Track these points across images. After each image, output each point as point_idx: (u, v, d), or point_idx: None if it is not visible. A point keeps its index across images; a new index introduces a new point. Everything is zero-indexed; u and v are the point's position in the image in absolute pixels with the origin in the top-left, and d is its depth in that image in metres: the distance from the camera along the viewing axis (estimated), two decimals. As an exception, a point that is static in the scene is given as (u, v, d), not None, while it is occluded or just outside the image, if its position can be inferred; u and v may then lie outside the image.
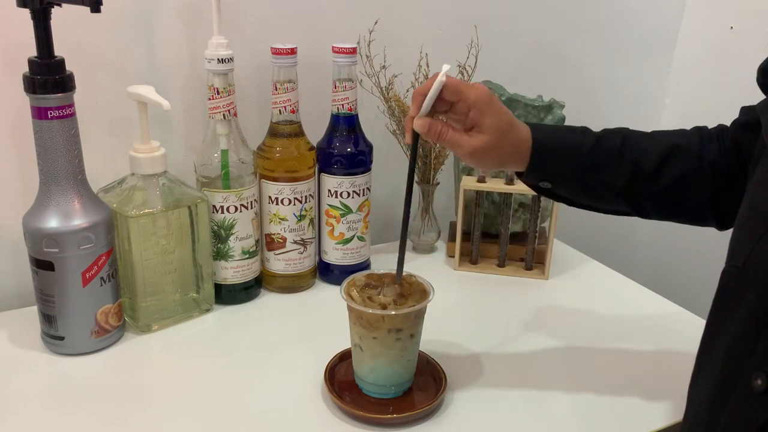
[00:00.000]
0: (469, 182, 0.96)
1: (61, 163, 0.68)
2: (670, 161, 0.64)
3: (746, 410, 0.47)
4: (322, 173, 0.89)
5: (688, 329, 0.84)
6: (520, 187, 0.95)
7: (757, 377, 0.46)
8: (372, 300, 0.66)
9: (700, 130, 0.67)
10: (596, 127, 0.68)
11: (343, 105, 0.86)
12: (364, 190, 0.90)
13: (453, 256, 1.00)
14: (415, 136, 0.62)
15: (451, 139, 0.61)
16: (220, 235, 0.83)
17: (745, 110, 0.64)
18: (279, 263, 0.89)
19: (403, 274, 0.68)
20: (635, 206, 0.67)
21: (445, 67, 0.59)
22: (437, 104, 0.61)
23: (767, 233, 0.47)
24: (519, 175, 0.67)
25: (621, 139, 0.65)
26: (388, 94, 0.95)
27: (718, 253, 0.56)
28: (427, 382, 0.70)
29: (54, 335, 0.73)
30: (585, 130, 0.66)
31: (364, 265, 0.94)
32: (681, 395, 0.57)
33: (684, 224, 0.69)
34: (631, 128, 0.68)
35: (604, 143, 0.65)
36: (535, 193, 0.82)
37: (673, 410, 0.68)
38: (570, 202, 0.69)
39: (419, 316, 0.67)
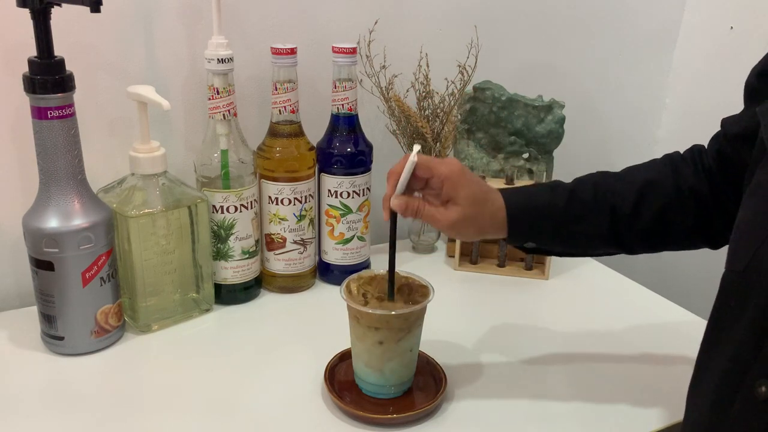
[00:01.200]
0: (469, 182, 0.96)
1: (61, 163, 0.68)
2: (646, 197, 0.65)
3: (750, 418, 0.47)
4: (322, 173, 0.89)
5: (688, 330, 0.84)
6: (520, 187, 0.95)
7: (761, 384, 0.45)
8: (372, 300, 0.66)
9: (671, 159, 0.68)
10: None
11: (343, 105, 0.86)
12: (364, 190, 0.90)
13: (453, 256, 1.00)
14: (393, 214, 0.64)
15: (428, 214, 0.63)
16: (220, 235, 0.83)
17: (731, 121, 0.63)
18: (279, 263, 0.89)
19: (404, 274, 0.69)
20: (623, 248, 0.68)
21: (416, 148, 0.62)
22: (412, 182, 0.63)
23: None
24: (504, 239, 0.68)
25: (593, 187, 0.66)
26: (388, 94, 0.95)
27: (718, 254, 0.57)
28: (427, 382, 0.70)
29: (54, 335, 0.73)
30: (556, 186, 0.67)
31: (364, 265, 0.94)
32: (681, 396, 0.57)
33: (677, 251, 0.69)
34: (603, 170, 0.69)
35: (577, 195, 0.66)
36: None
37: (673, 411, 0.68)
38: (560, 254, 0.71)
39: (419, 316, 0.67)
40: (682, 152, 0.69)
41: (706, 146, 0.67)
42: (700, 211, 0.65)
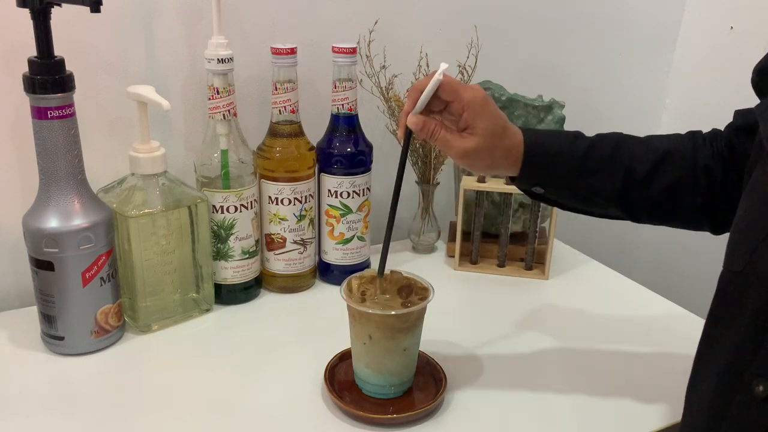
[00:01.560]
0: (469, 182, 0.96)
1: (61, 163, 0.68)
2: (662, 167, 0.64)
3: (748, 417, 0.47)
4: (322, 173, 0.89)
5: (687, 329, 0.84)
6: (520, 187, 0.95)
7: (759, 384, 0.46)
8: (372, 299, 0.66)
9: (693, 135, 0.67)
10: (596, 127, 0.68)
11: (343, 105, 0.86)
12: (364, 190, 0.90)
13: (453, 256, 1.00)
14: (408, 133, 0.62)
15: (442, 138, 0.61)
16: (220, 235, 0.83)
17: (739, 114, 0.64)
18: (279, 263, 0.89)
19: (404, 274, 0.69)
20: (628, 211, 0.67)
21: (443, 66, 0.59)
22: (432, 103, 0.61)
23: (767, 238, 0.47)
24: (512, 179, 0.67)
25: (613, 145, 0.65)
26: (388, 94, 0.95)
27: (717, 254, 0.56)
28: (427, 382, 0.70)
29: (54, 335, 0.73)
30: (578, 135, 0.66)
31: (364, 265, 0.94)
32: (680, 396, 0.57)
33: (678, 229, 0.69)
34: (625, 133, 0.68)
35: (597, 149, 0.65)
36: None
37: (673, 411, 0.68)
38: (562, 206, 0.69)
39: (419, 316, 0.67)
40: (703, 132, 0.68)
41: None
42: (711, 191, 0.64)
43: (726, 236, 0.54)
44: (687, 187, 0.64)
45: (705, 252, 1.22)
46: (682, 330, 0.84)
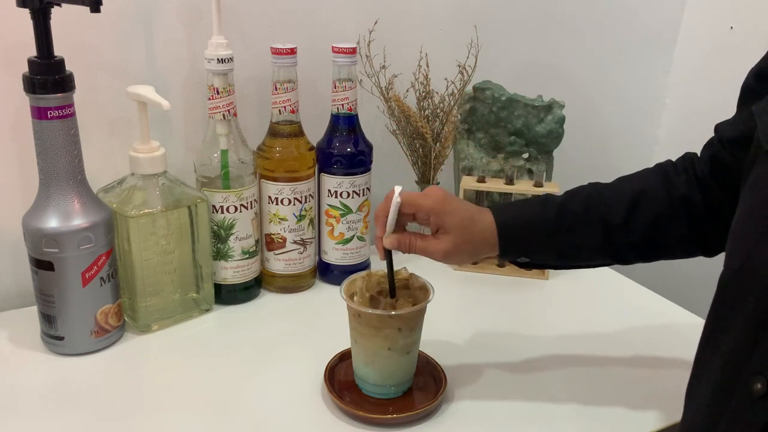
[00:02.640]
0: (469, 182, 0.96)
1: (61, 163, 0.68)
2: (637, 209, 0.65)
3: (746, 414, 0.47)
4: (322, 173, 0.89)
5: (687, 329, 0.84)
6: (520, 187, 0.95)
7: (756, 381, 0.46)
8: (372, 299, 0.66)
9: (662, 168, 0.67)
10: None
11: (343, 105, 0.86)
12: (364, 190, 0.90)
13: (453, 256, 1.00)
14: (388, 252, 0.65)
15: (420, 247, 0.65)
16: (220, 235, 0.83)
17: (726, 126, 0.62)
18: (279, 263, 0.89)
19: (404, 274, 0.69)
20: (617, 258, 0.68)
21: (398, 189, 0.63)
22: (400, 218, 0.65)
23: (764, 236, 0.47)
24: (498, 256, 0.68)
25: (584, 201, 0.66)
26: (388, 94, 0.95)
27: (718, 255, 0.56)
28: (427, 382, 0.70)
29: (54, 335, 0.73)
30: (546, 200, 0.67)
31: (364, 265, 0.94)
32: (680, 396, 0.57)
33: (673, 260, 0.69)
34: (593, 182, 0.69)
35: (567, 208, 0.66)
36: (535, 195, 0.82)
37: (673, 411, 0.68)
38: (553, 267, 0.72)
39: (419, 316, 0.67)
40: (674, 160, 0.68)
41: (698, 153, 0.67)
42: (693, 219, 0.65)
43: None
44: (667, 221, 0.65)
45: (705, 252, 1.22)
46: (681, 330, 0.84)
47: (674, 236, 0.65)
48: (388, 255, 0.66)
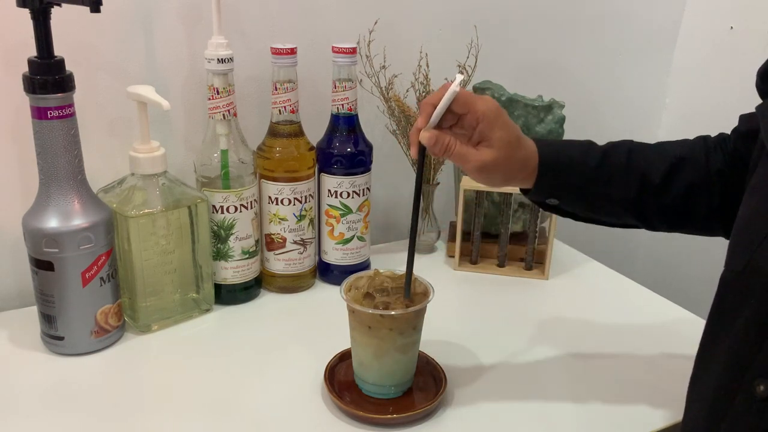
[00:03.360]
0: (469, 182, 0.96)
1: (61, 163, 0.68)
2: (677, 173, 0.64)
3: (748, 417, 0.47)
4: (322, 173, 0.89)
5: (688, 330, 0.84)
6: (520, 187, 0.95)
7: (759, 384, 0.46)
8: (372, 299, 0.66)
9: (705, 140, 0.67)
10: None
11: (343, 105, 0.86)
12: (364, 190, 0.90)
13: (453, 256, 1.00)
14: (421, 150, 0.59)
15: (459, 152, 0.59)
16: (220, 235, 0.83)
17: (744, 119, 0.64)
18: (279, 263, 0.89)
19: (397, 273, 0.69)
20: (643, 219, 0.67)
21: (459, 77, 0.58)
22: (444, 117, 0.59)
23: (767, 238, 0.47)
24: (525, 192, 0.66)
25: (627, 153, 0.65)
26: (388, 94, 0.95)
27: (718, 253, 0.56)
28: (427, 382, 0.70)
29: (54, 335, 0.73)
30: (591, 145, 0.66)
31: (364, 266, 0.94)
32: (680, 396, 0.57)
33: (692, 235, 0.68)
34: (636, 140, 0.68)
35: (611, 157, 0.65)
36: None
37: (673, 411, 0.68)
38: (576, 217, 0.69)
39: (419, 316, 0.67)
40: (711, 137, 0.68)
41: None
42: (724, 196, 0.64)
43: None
44: (702, 192, 0.64)
45: (705, 252, 1.22)
46: (682, 330, 0.84)
47: (705, 207, 0.65)
48: (420, 155, 0.59)
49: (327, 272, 0.93)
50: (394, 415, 0.65)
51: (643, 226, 0.68)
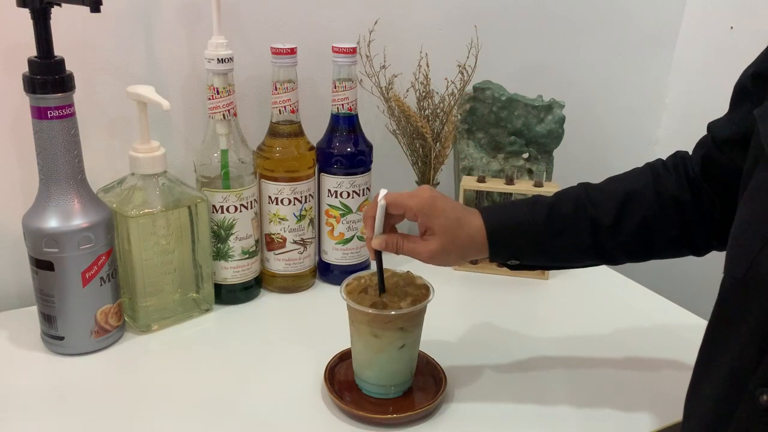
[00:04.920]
0: (469, 182, 0.96)
1: (61, 163, 0.68)
2: (627, 210, 0.65)
3: (752, 426, 0.46)
4: (322, 173, 0.89)
5: (688, 330, 0.84)
6: (520, 187, 0.95)
7: (763, 393, 0.45)
8: (372, 299, 0.66)
9: (652, 168, 0.67)
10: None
11: (343, 105, 0.86)
12: (364, 190, 0.90)
13: (453, 256, 1.00)
14: (378, 253, 0.65)
15: (408, 248, 0.64)
16: (220, 235, 0.83)
17: (719, 125, 0.62)
18: (279, 263, 0.89)
19: (404, 273, 0.69)
20: (606, 259, 0.68)
21: (382, 192, 0.63)
22: (390, 219, 0.65)
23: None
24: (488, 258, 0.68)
25: (573, 201, 0.66)
26: (388, 94, 0.95)
27: (719, 254, 0.56)
28: (427, 382, 0.70)
29: (54, 335, 0.73)
30: (536, 201, 0.67)
31: (364, 265, 0.94)
32: (680, 396, 0.57)
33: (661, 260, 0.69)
34: (583, 183, 0.68)
35: (557, 210, 0.66)
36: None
37: (673, 412, 0.68)
38: (544, 268, 0.71)
39: (419, 315, 0.67)
40: (665, 159, 0.68)
41: (690, 152, 0.67)
42: (683, 220, 0.64)
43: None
44: (656, 222, 0.65)
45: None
46: (682, 331, 0.84)
47: (663, 237, 0.65)
48: (377, 255, 0.66)
49: (327, 272, 0.94)
50: (394, 415, 0.65)
51: (607, 264, 0.69)
